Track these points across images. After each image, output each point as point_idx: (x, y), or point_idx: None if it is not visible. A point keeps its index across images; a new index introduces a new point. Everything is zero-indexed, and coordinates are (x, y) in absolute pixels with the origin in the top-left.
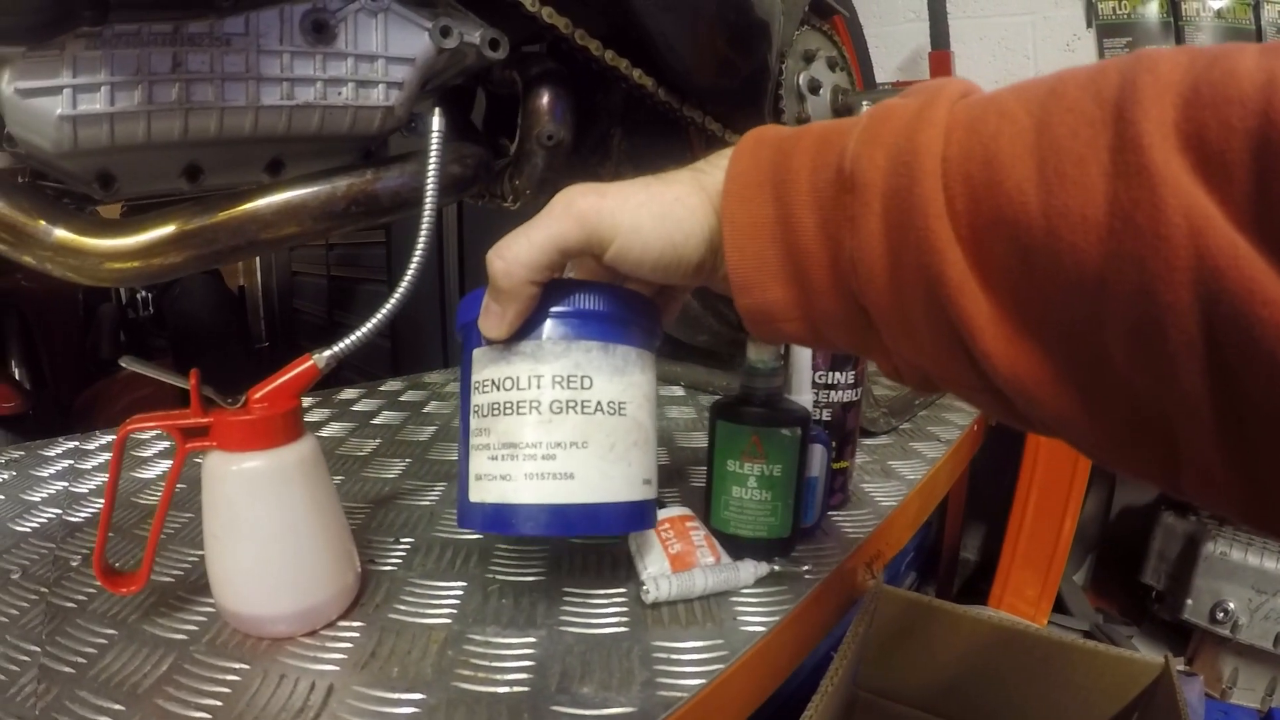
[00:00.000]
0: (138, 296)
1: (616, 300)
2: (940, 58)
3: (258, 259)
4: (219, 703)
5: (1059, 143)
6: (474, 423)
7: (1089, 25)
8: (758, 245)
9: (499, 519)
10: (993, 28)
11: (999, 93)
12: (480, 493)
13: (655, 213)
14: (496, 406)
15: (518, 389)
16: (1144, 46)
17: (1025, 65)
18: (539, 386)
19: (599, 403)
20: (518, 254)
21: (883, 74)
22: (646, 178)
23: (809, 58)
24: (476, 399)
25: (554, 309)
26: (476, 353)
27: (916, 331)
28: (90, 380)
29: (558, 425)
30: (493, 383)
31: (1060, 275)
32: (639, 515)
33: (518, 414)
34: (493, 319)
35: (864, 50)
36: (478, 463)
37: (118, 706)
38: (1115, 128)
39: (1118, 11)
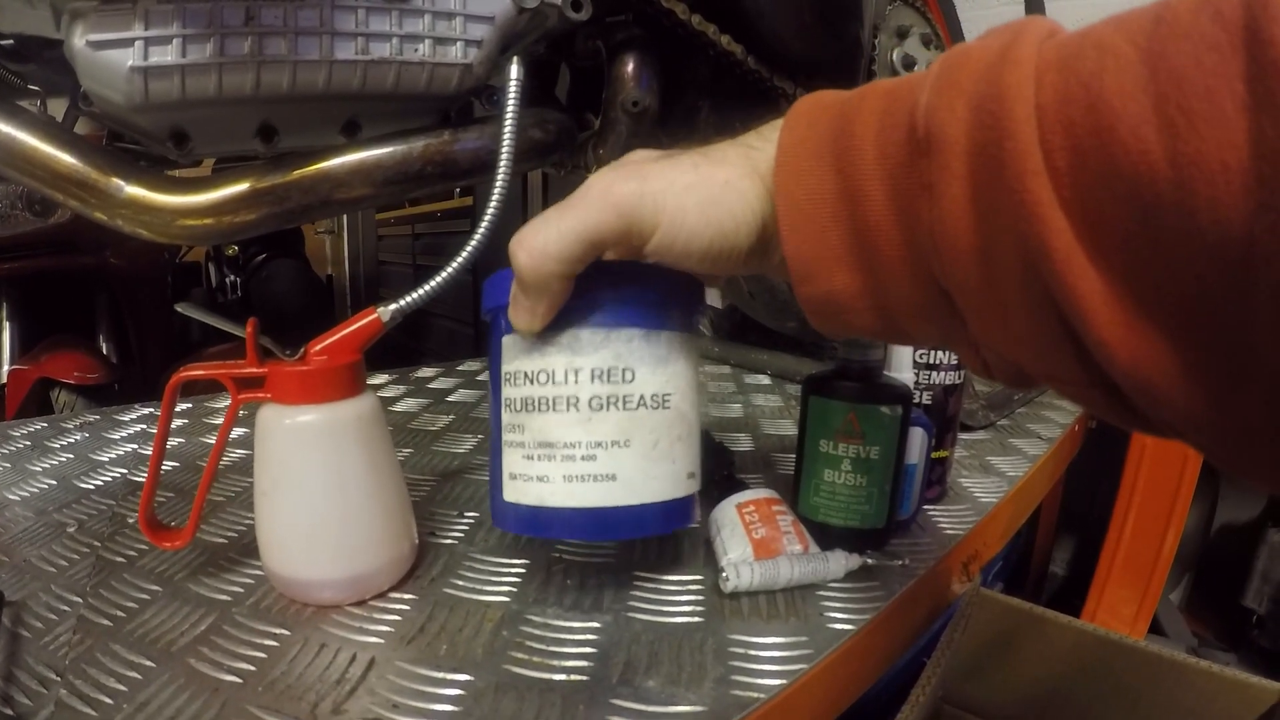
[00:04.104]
0: (226, 281)
1: (658, 281)
2: None
3: (345, 248)
4: (252, 667)
5: (1180, 74)
6: (506, 417)
7: None
8: (818, 225)
9: (535, 522)
10: (1090, 10)
11: (1091, 27)
12: (515, 493)
13: (702, 198)
14: (531, 402)
15: (553, 383)
16: None
17: None
18: (576, 381)
19: (642, 396)
20: (545, 246)
21: None
22: (693, 154)
23: (902, 34)
24: (508, 391)
25: (589, 294)
26: (506, 340)
27: (1011, 318)
28: (178, 359)
29: (598, 423)
30: (526, 375)
31: (1194, 238)
32: (682, 512)
33: (554, 411)
34: (522, 312)
35: (957, 28)
36: (512, 461)
37: (148, 663)
38: (1248, 51)
39: None
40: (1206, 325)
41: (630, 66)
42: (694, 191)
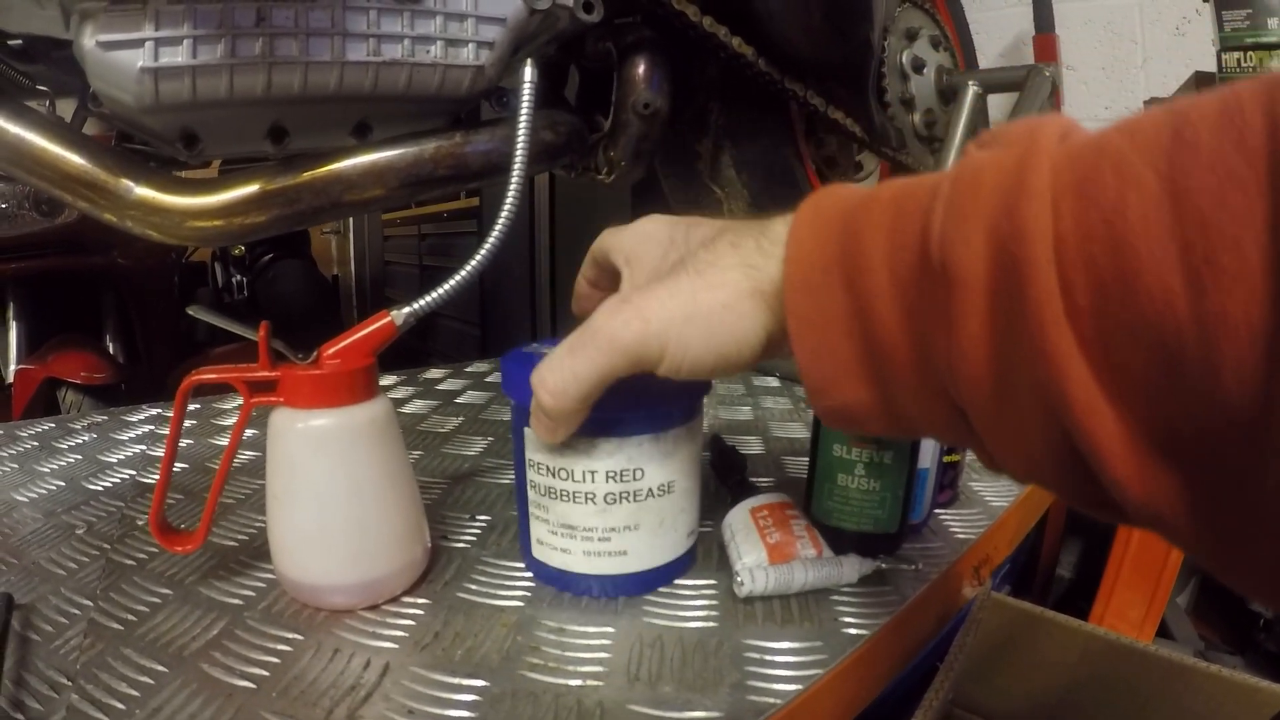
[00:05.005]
0: (232, 281)
1: (666, 393)
2: (1045, 41)
3: (351, 248)
4: (265, 672)
5: (1205, 217)
6: (532, 495)
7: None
8: (831, 341)
9: (560, 580)
10: (1098, 10)
11: (1107, 136)
12: (543, 554)
13: (703, 329)
14: (552, 491)
15: (573, 480)
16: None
17: (1132, 50)
18: (593, 481)
19: (650, 489)
20: (565, 389)
21: (985, 60)
22: (693, 275)
23: (911, 36)
24: (532, 475)
25: (605, 411)
26: (528, 432)
27: (1028, 444)
28: (185, 359)
29: (611, 513)
30: (548, 468)
31: (1217, 394)
32: (684, 564)
33: (573, 503)
34: (544, 431)
35: (965, 29)
36: (538, 529)
37: (160, 668)
38: (1274, 196)
39: None
40: (1221, 476)
41: (641, 68)
42: (694, 323)
